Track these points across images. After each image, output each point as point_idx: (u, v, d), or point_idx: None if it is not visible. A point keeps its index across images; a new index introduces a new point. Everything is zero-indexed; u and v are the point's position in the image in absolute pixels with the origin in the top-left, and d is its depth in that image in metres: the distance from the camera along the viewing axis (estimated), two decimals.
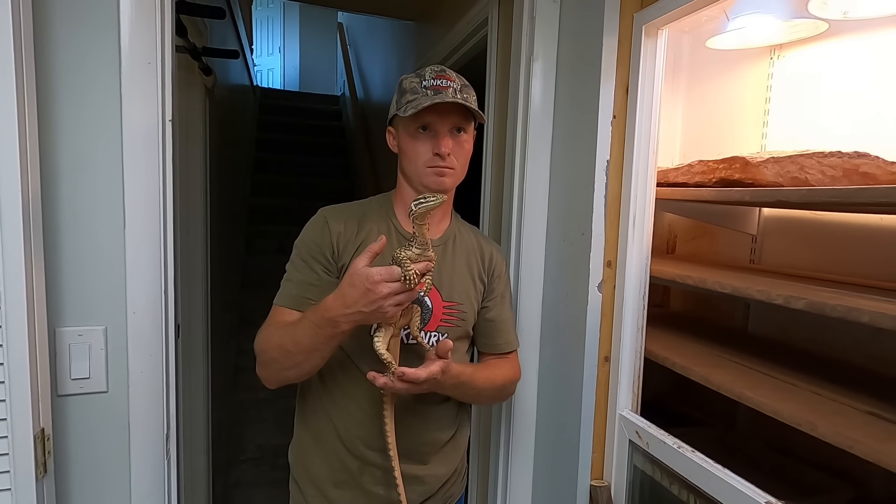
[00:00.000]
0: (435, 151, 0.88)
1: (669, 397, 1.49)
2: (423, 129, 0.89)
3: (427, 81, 0.87)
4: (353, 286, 0.74)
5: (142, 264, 0.90)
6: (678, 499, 0.92)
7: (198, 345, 1.88)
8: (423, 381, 0.78)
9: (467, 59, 1.90)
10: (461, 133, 0.91)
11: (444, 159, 0.88)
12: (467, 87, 0.90)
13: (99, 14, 0.85)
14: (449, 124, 0.88)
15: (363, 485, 0.93)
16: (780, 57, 1.26)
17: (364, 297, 0.73)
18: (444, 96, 0.84)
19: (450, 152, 0.88)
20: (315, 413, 0.96)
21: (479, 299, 0.99)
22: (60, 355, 0.87)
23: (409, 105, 0.86)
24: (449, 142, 0.88)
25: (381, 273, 0.73)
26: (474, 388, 0.92)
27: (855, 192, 0.75)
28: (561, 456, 1.12)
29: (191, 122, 1.75)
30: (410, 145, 0.90)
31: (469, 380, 0.90)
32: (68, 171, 0.85)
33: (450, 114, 0.87)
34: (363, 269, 0.74)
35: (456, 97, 0.85)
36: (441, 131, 0.88)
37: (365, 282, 0.73)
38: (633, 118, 0.99)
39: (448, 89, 0.86)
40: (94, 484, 0.90)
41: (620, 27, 0.99)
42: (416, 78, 0.89)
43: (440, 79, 0.87)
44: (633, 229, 1.01)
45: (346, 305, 0.75)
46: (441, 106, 0.85)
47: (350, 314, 0.75)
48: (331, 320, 0.77)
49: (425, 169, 0.89)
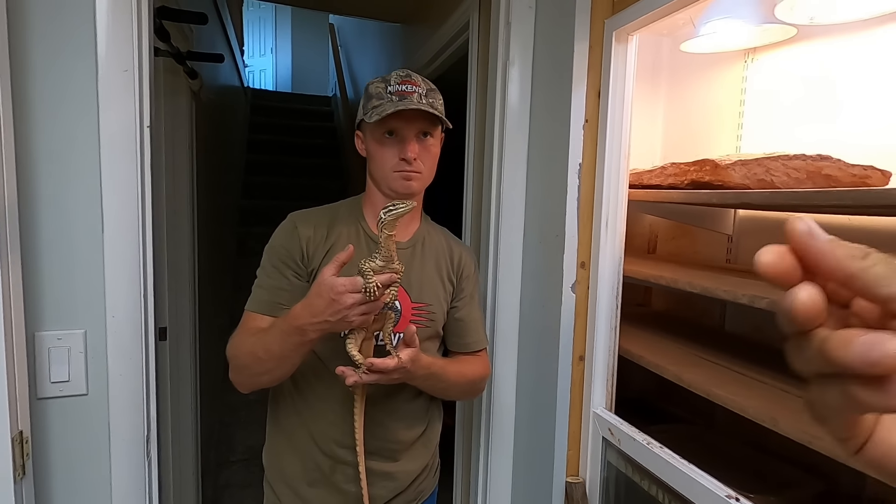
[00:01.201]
0: (401, 156, 0.89)
1: (653, 395, 1.52)
2: (390, 135, 0.90)
3: (392, 87, 0.88)
4: (320, 296, 0.76)
5: (121, 268, 0.91)
6: (648, 494, 0.94)
7: (185, 347, 1.89)
8: (392, 369, 0.80)
9: (452, 62, 1.91)
10: (427, 137, 0.92)
11: (411, 164, 0.89)
12: (433, 91, 0.92)
13: (76, 24, 0.86)
14: (415, 129, 0.90)
15: (336, 483, 0.95)
16: (753, 60, 1.28)
17: (329, 307, 0.75)
18: (408, 102, 0.86)
19: (416, 157, 0.90)
20: (288, 415, 0.97)
21: (448, 300, 1.00)
22: (40, 359, 0.88)
23: (374, 111, 0.87)
24: (415, 147, 0.90)
25: (344, 284, 0.74)
26: (445, 381, 0.94)
27: (812, 195, 0.77)
28: (538, 453, 1.14)
29: (177, 126, 1.76)
30: (377, 150, 0.92)
31: (440, 371, 0.92)
32: (46, 177, 0.87)
33: (415, 119, 0.89)
34: (329, 278, 0.75)
35: (421, 102, 0.87)
36: (407, 136, 0.89)
37: (330, 292, 0.74)
38: (605, 122, 1.01)
39: (413, 94, 0.87)
40: (74, 485, 0.91)
41: (592, 33, 1.01)
42: (382, 83, 0.90)
43: (405, 84, 0.88)
44: (605, 231, 1.03)
45: (312, 315, 0.77)
46: (406, 112, 0.86)
47: (316, 323, 0.77)
48: (298, 328, 0.78)
49: (392, 173, 0.91)
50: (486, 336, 1.08)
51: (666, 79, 1.54)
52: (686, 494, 0.83)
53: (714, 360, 1.07)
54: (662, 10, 0.91)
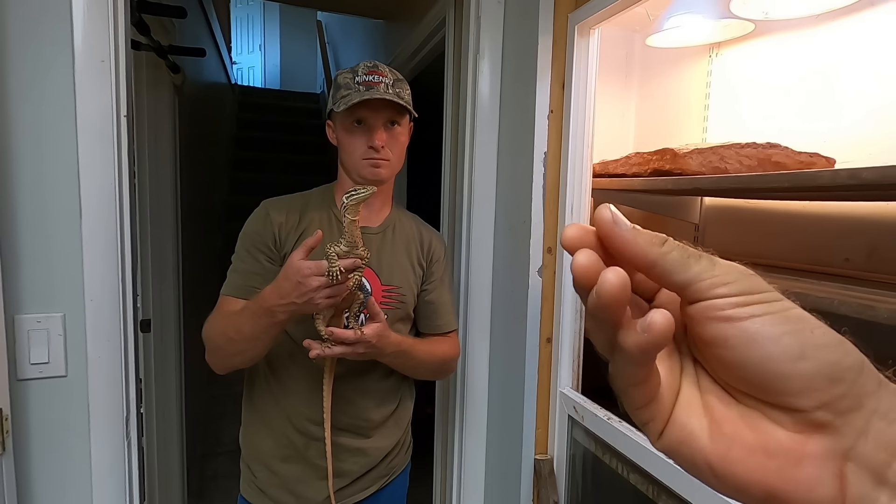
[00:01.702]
0: (369, 144, 0.93)
1: None
2: (358, 123, 0.94)
3: (360, 77, 0.91)
4: (287, 279, 0.79)
5: (99, 253, 0.94)
6: (609, 467, 0.98)
7: (170, 339, 1.91)
8: (353, 341, 0.84)
9: (432, 58, 1.94)
10: (395, 126, 0.96)
11: (379, 151, 0.93)
12: (400, 81, 0.95)
13: (53, 16, 0.89)
14: (382, 118, 0.93)
15: (309, 458, 0.98)
16: (717, 54, 1.33)
17: (295, 289, 0.78)
18: (374, 92, 0.89)
19: (384, 145, 0.93)
20: (262, 395, 1.01)
21: (418, 283, 1.04)
22: (20, 341, 0.91)
23: (342, 100, 0.90)
24: (383, 135, 0.93)
25: (310, 267, 0.77)
26: (415, 359, 0.98)
27: (755, 179, 0.82)
28: (509, 432, 1.19)
29: (159, 120, 1.78)
30: (347, 139, 0.95)
31: (410, 349, 0.96)
32: (25, 164, 0.89)
33: (383, 108, 0.92)
34: (297, 262, 0.79)
35: (387, 92, 0.90)
36: (375, 125, 0.93)
37: (296, 275, 0.78)
38: (569, 112, 1.05)
39: (380, 85, 0.91)
40: (54, 462, 0.94)
41: (556, 26, 1.05)
42: (350, 73, 0.93)
43: (372, 74, 0.92)
44: (570, 217, 1.07)
45: (280, 297, 0.80)
46: (373, 101, 0.90)
47: (284, 304, 0.80)
48: (268, 310, 0.82)
49: (361, 161, 0.94)
50: (456, 319, 1.12)
51: (637, 73, 1.58)
52: (641, 464, 0.88)
53: None
54: (620, 3, 0.95)
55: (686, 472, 0.24)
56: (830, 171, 0.78)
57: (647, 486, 0.89)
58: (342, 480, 1.00)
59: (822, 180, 0.70)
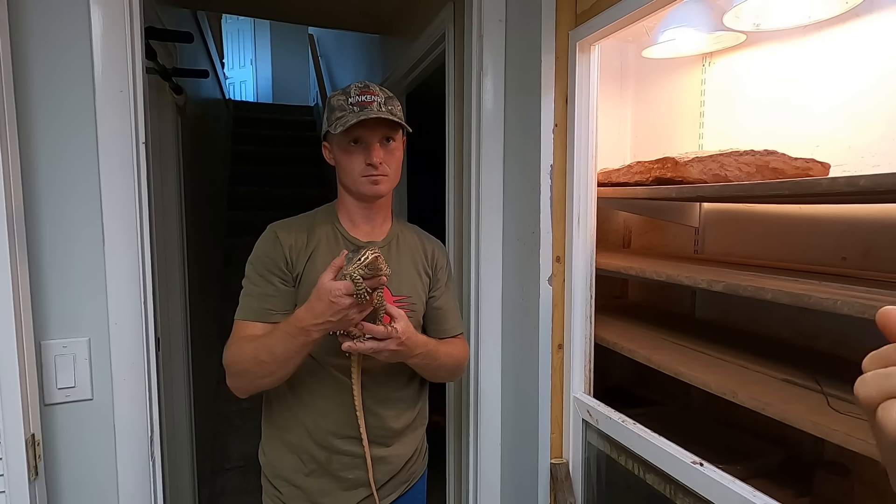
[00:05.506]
0: (367, 162, 0.97)
1: (631, 383, 1.60)
2: (355, 143, 0.97)
3: (353, 98, 0.95)
4: (320, 299, 0.84)
5: (122, 278, 0.96)
6: (625, 468, 1.01)
7: (178, 357, 1.92)
8: (384, 335, 0.88)
9: (430, 71, 1.99)
10: (390, 142, 1.00)
11: (377, 168, 0.97)
12: (391, 98, 0.99)
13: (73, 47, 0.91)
14: (378, 136, 0.97)
15: (333, 471, 1.01)
16: (711, 64, 1.38)
17: (329, 308, 0.83)
18: (369, 111, 0.93)
19: (381, 161, 0.97)
20: (282, 413, 1.03)
21: (426, 291, 1.08)
22: (46, 366, 0.93)
23: (338, 122, 0.94)
24: (380, 152, 0.97)
25: (339, 288, 0.82)
26: (438, 360, 1.02)
27: (755, 186, 0.85)
28: (524, 438, 1.21)
29: (164, 141, 1.80)
30: (345, 159, 0.99)
31: (434, 350, 1.01)
32: (49, 192, 0.91)
33: (377, 127, 0.96)
34: (328, 283, 0.84)
35: (381, 110, 0.94)
36: (371, 143, 0.97)
37: (328, 295, 0.83)
38: (573, 126, 1.09)
39: (373, 104, 0.94)
40: (83, 485, 0.96)
41: (557, 44, 1.09)
42: (343, 95, 0.97)
43: (365, 94, 0.95)
44: (577, 227, 1.10)
45: (314, 316, 0.85)
46: (368, 121, 0.94)
47: (320, 323, 0.85)
48: (303, 329, 0.86)
49: (361, 178, 0.98)
50: (461, 323, 1.17)
51: (633, 83, 1.63)
52: (657, 464, 0.91)
53: (683, 344, 1.15)
54: (620, 22, 0.99)
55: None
56: (829, 179, 0.82)
57: (663, 485, 0.92)
58: (365, 490, 1.02)
59: (820, 188, 0.74)
